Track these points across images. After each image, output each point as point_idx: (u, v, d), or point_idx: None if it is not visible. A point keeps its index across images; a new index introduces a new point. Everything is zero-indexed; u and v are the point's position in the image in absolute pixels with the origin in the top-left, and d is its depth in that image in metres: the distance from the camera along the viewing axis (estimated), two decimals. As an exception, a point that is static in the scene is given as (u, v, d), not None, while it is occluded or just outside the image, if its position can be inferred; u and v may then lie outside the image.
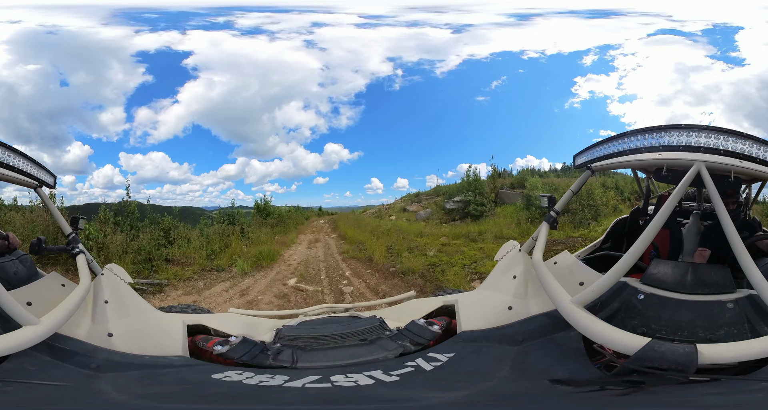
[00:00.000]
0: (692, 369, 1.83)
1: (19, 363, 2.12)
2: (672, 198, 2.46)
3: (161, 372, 2.43)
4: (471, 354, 2.48)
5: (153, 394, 2.18)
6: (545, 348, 2.40)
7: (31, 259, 3.36)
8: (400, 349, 2.53)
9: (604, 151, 3.17)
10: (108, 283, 3.20)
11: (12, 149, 2.99)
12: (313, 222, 19.97)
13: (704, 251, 2.99)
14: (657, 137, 2.85)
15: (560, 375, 2.06)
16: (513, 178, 17.00)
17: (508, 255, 3.42)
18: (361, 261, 11.53)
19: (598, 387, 1.90)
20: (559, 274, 2.70)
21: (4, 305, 2.19)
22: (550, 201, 3.42)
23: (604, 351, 2.12)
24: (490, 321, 2.73)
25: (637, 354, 1.91)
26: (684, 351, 1.87)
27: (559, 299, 2.38)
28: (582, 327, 2.16)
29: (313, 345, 2.62)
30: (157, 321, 3.10)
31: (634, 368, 1.89)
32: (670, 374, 1.84)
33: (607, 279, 2.29)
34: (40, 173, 3.28)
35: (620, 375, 1.95)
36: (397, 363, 2.36)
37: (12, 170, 3.00)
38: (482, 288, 3.34)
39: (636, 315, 2.25)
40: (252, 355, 2.49)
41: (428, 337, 2.64)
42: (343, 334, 2.72)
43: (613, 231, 4.29)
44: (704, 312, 2.18)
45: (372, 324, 2.81)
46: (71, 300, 2.59)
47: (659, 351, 1.89)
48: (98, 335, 2.66)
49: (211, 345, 2.64)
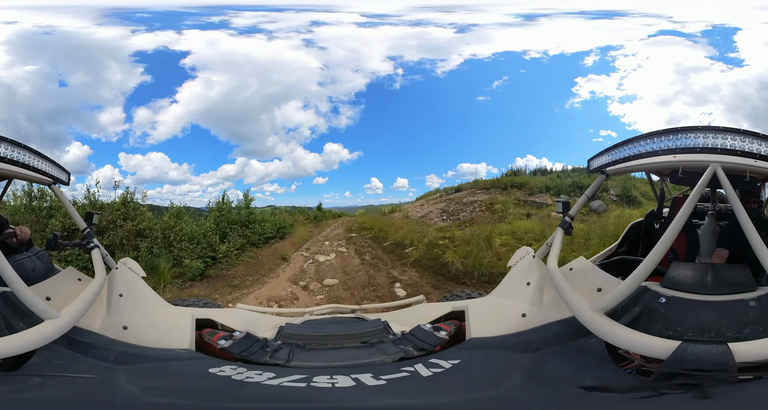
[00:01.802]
0: (733, 368, 1.85)
1: (46, 357, 2.22)
2: (690, 200, 2.44)
3: (168, 364, 2.53)
4: (479, 362, 2.46)
5: (157, 387, 2.25)
6: (564, 356, 2.37)
7: (47, 255, 3.42)
8: (401, 353, 2.51)
9: (619, 155, 3.15)
10: (122, 277, 3.28)
11: (26, 147, 3.03)
12: (312, 237, 16.01)
13: (722, 251, 2.96)
14: (672, 139, 2.83)
15: (589, 382, 2.05)
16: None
17: (522, 261, 3.40)
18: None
19: (653, 393, 1.90)
20: (575, 280, 2.69)
21: (25, 301, 2.27)
22: (565, 207, 3.39)
23: (631, 356, 2.12)
24: (503, 328, 2.72)
25: (671, 358, 1.91)
26: (718, 351, 1.89)
27: (578, 306, 2.36)
28: (605, 334, 2.15)
29: (313, 345, 2.64)
30: (169, 314, 3.20)
31: (674, 371, 1.90)
32: (716, 374, 1.86)
33: (628, 285, 2.27)
34: (54, 170, 3.34)
35: (660, 379, 1.95)
36: (394, 367, 2.35)
37: (27, 167, 3.05)
38: (494, 295, 3.32)
39: (659, 318, 2.23)
40: (251, 351, 2.54)
41: (433, 343, 2.62)
42: (345, 335, 2.73)
43: (628, 235, 4.24)
44: (728, 312, 2.17)
45: (376, 326, 2.80)
46: (88, 294, 2.66)
47: (692, 353, 1.90)
48: (114, 328, 2.73)
49: (216, 339, 2.69)
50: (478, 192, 16.48)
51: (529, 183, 16.02)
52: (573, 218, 3.32)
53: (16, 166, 2.94)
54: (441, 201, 16.68)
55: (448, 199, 16.58)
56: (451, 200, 16.30)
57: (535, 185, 15.86)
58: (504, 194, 15.76)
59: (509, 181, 16.32)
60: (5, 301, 2.39)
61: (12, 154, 2.93)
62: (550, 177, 16.57)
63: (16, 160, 2.95)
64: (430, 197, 18.07)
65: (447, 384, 2.22)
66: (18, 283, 2.27)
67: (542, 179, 16.33)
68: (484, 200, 15.42)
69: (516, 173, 17.24)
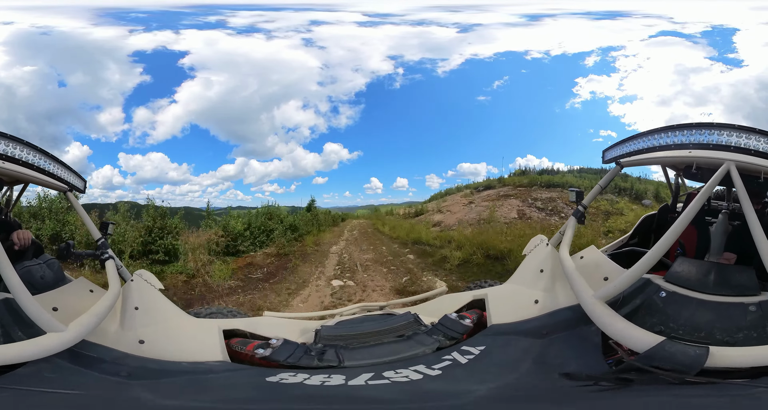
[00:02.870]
0: (694, 371, 1.81)
1: (37, 370, 2.02)
2: (700, 196, 2.46)
3: (204, 377, 2.38)
4: (500, 347, 2.54)
5: (207, 400, 2.10)
6: (567, 342, 2.42)
7: (58, 263, 3.25)
8: (436, 344, 2.61)
9: (634, 147, 3.17)
10: (138, 289, 3.14)
11: (44, 152, 2.97)
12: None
13: (730, 255, 2.96)
14: (688, 134, 2.84)
15: (572, 369, 2.08)
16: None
17: (536, 249, 3.45)
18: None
19: (592, 383, 1.91)
20: (584, 269, 2.73)
21: (27, 310, 2.12)
22: (578, 196, 3.44)
23: (619, 347, 2.13)
24: (518, 315, 2.79)
25: (645, 353, 1.92)
26: (695, 353, 1.85)
27: (582, 293, 2.40)
28: (601, 323, 2.18)
29: (354, 344, 2.67)
30: (191, 326, 3.10)
31: (639, 366, 1.89)
32: (669, 374, 1.83)
33: (630, 275, 2.28)
34: (70, 177, 3.27)
35: (622, 371, 1.95)
36: (436, 357, 2.45)
37: (43, 173, 2.98)
38: (511, 282, 3.40)
39: (656, 312, 2.26)
40: (297, 357, 2.52)
41: (461, 331, 2.72)
42: (381, 331, 2.79)
43: (640, 227, 4.25)
44: (725, 314, 2.16)
45: (407, 320, 2.88)
46: (100, 307, 2.52)
47: (669, 351, 1.88)
48: (128, 342, 2.60)
49: (251, 349, 2.66)
50: (514, 189, 16.33)
51: (567, 182, 15.87)
52: (586, 207, 3.36)
53: (32, 170, 2.88)
54: (492, 198, 16.26)
55: (497, 195, 16.26)
56: (505, 197, 16.00)
57: (571, 182, 15.63)
58: (548, 191, 15.66)
59: (547, 180, 16.27)
60: (7, 308, 2.25)
61: (29, 158, 2.85)
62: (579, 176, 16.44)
63: (33, 164, 2.87)
64: (456, 195, 17.84)
65: (485, 369, 2.31)
66: (21, 290, 2.13)
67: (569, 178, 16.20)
68: (551, 197, 15.25)
69: (525, 172, 17.25)
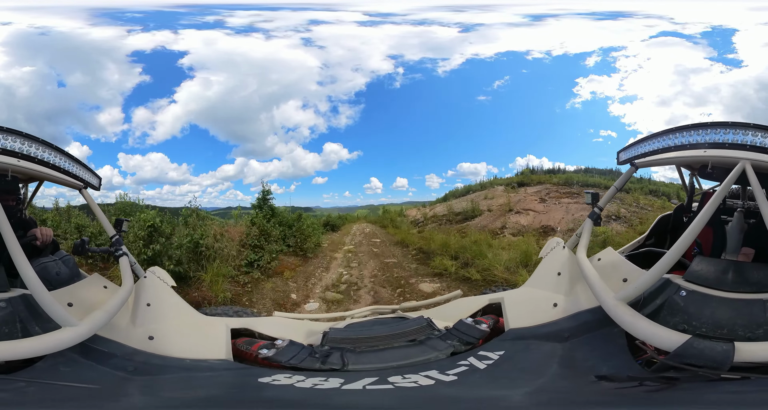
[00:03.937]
0: (726, 366, 1.87)
1: (53, 364, 2.12)
2: (716, 196, 2.47)
3: (201, 375, 2.41)
4: (520, 352, 2.52)
5: (187, 399, 2.14)
6: (590, 344, 2.44)
7: (74, 260, 3.32)
8: (450, 348, 2.55)
9: (649, 147, 3.19)
10: (151, 286, 3.20)
11: (59, 150, 3.00)
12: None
13: (748, 250, 2.97)
14: (702, 133, 2.85)
15: (605, 371, 2.10)
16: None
17: (553, 252, 3.47)
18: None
19: (636, 384, 1.94)
20: (602, 270, 2.74)
21: (44, 305, 2.19)
22: (594, 198, 3.45)
23: (646, 347, 2.16)
24: (537, 318, 2.79)
25: (676, 351, 1.96)
26: (722, 349, 1.91)
27: (603, 295, 2.42)
28: (625, 324, 2.21)
29: (362, 347, 2.61)
30: (200, 324, 3.13)
31: (672, 364, 1.93)
32: (704, 371, 1.88)
33: (651, 276, 2.31)
34: (85, 174, 3.31)
35: (659, 371, 2.00)
36: (450, 362, 2.39)
37: (59, 170, 3.02)
38: (528, 285, 3.40)
39: (678, 311, 2.28)
40: (300, 358, 2.49)
41: (477, 336, 2.67)
42: (392, 335, 2.72)
43: (656, 228, 4.26)
44: (745, 311, 2.18)
45: (420, 324, 2.81)
46: (113, 302, 2.58)
47: (698, 348, 1.93)
48: (138, 338, 2.65)
49: (256, 349, 2.65)
50: (555, 187, 16.18)
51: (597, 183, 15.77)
52: (602, 209, 3.39)
53: (48, 168, 2.92)
54: (553, 196, 15.78)
55: (547, 193, 15.94)
56: (561, 195, 15.71)
57: (604, 183, 15.48)
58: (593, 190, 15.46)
59: (580, 178, 16.21)
60: (25, 304, 2.32)
61: (44, 155, 2.89)
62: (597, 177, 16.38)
63: (49, 162, 2.91)
64: (496, 189, 17.56)
65: (507, 374, 2.28)
66: (38, 286, 2.21)
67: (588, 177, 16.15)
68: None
69: (533, 171, 17.23)
